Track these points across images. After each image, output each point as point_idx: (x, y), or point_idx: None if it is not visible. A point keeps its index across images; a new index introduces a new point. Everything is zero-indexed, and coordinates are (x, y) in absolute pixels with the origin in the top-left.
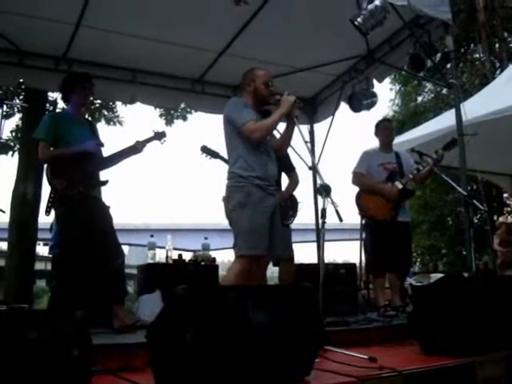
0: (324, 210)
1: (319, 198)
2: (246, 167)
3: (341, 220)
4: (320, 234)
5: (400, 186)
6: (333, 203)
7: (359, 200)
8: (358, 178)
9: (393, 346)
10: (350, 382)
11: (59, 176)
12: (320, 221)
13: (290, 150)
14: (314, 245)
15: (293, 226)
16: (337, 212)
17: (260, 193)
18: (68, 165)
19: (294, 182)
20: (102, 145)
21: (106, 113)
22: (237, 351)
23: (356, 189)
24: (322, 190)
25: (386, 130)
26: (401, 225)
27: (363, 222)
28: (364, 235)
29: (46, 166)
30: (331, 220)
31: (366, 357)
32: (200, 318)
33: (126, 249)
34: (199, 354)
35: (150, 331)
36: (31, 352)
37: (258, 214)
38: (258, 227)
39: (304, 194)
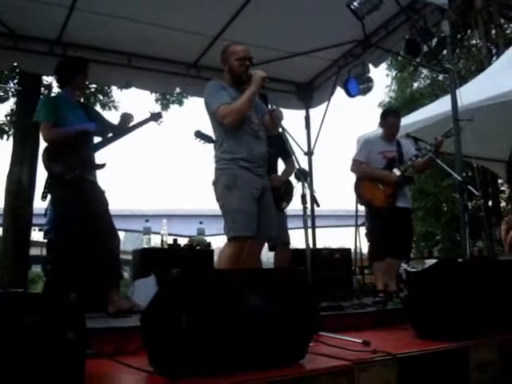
0: (304, 196)
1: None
2: (230, 150)
3: (318, 205)
4: (304, 219)
5: (398, 173)
6: (310, 188)
7: (357, 187)
8: (356, 165)
9: (387, 331)
10: (344, 366)
11: (55, 160)
12: (301, 207)
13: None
14: (311, 230)
15: (289, 211)
16: (313, 197)
17: (247, 175)
18: (64, 148)
19: (290, 167)
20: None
21: (101, 97)
22: (231, 334)
23: (354, 176)
24: (300, 175)
25: (392, 126)
26: (400, 210)
27: (365, 209)
28: (366, 222)
29: (42, 149)
30: (325, 207)
31: (359, 341)
32: (194, 301)
33: (121, 234)
34: (193, 337)
35: (145, 314)
36: (25, 335)
37: (245, 196)
38: (247, 208)
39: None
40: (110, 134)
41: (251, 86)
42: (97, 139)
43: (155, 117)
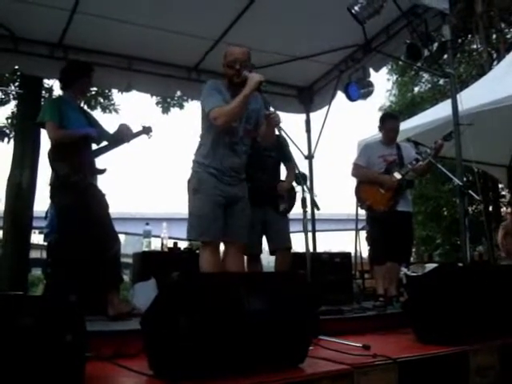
0: (304, 200)
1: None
2: (205, 155)
3: (318, 209)
4: (304, 223)
5: (398, 177)
6: (310, 192)
7: (358, 191)
8: (356, 169)
9: (387, 335)
10: (344, 370)
11: (61, 161)
12: (301, 210)
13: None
14: (311, 234)
15: (291, 215)
16: (313, 201)
17: (212, 181)
18: (69, 151)
19: (291, 172)
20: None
21: (101, 100)
22: (231, 338)
23: (355, 180)
24: (300, 179)
25: (391, 131)
26: (401, 214)
27: (366, 213)
28: (367, 226)
29: (43, 152)
30: (326, 210)
31: (359, 345)
32: (194, 304)
33: (122, 238)
34: (193, 340)
35: (145, 317)
36: (24, 338)
37: (206, 201)
38: (206, 213)
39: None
40: (105, 143)
41: (245, 89)
42: (93, 146)
43: (146, 130)
